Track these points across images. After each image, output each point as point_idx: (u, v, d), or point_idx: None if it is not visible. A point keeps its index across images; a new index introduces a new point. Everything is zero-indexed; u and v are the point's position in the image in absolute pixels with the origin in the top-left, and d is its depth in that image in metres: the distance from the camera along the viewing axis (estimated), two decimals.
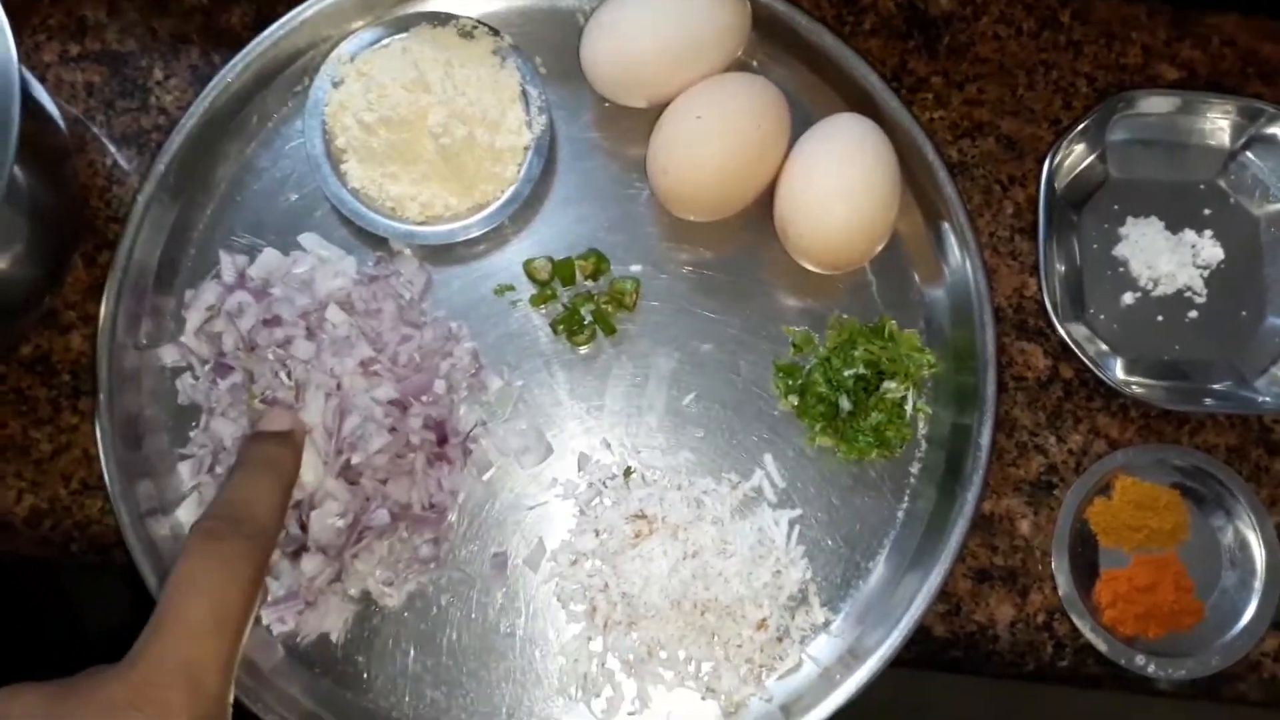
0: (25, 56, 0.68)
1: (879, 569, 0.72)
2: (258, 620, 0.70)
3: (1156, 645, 0.71)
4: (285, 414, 0.62)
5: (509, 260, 0.76)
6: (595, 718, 0.69)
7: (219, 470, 0.70)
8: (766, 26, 0.77)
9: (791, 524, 0.72)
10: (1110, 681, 0.73)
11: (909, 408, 0.73)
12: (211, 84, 0.75)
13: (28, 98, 0.66)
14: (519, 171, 0.75)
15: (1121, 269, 0.77)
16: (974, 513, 0.70)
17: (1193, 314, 0.77)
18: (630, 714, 0.69)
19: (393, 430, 0.69)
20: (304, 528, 0.68)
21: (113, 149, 0.79)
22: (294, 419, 0.61)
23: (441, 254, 0.76)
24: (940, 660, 0.73)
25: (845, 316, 0.75)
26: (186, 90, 0.79)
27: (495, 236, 0.76)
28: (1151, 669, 0.70)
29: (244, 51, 0.76)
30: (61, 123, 0.76)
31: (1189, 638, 0.72)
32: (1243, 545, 0.73)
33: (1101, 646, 0.71)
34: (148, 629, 0.48)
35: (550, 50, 0.78)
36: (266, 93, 0.78)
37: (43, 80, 0.79)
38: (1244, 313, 0.77)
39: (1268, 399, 0.73)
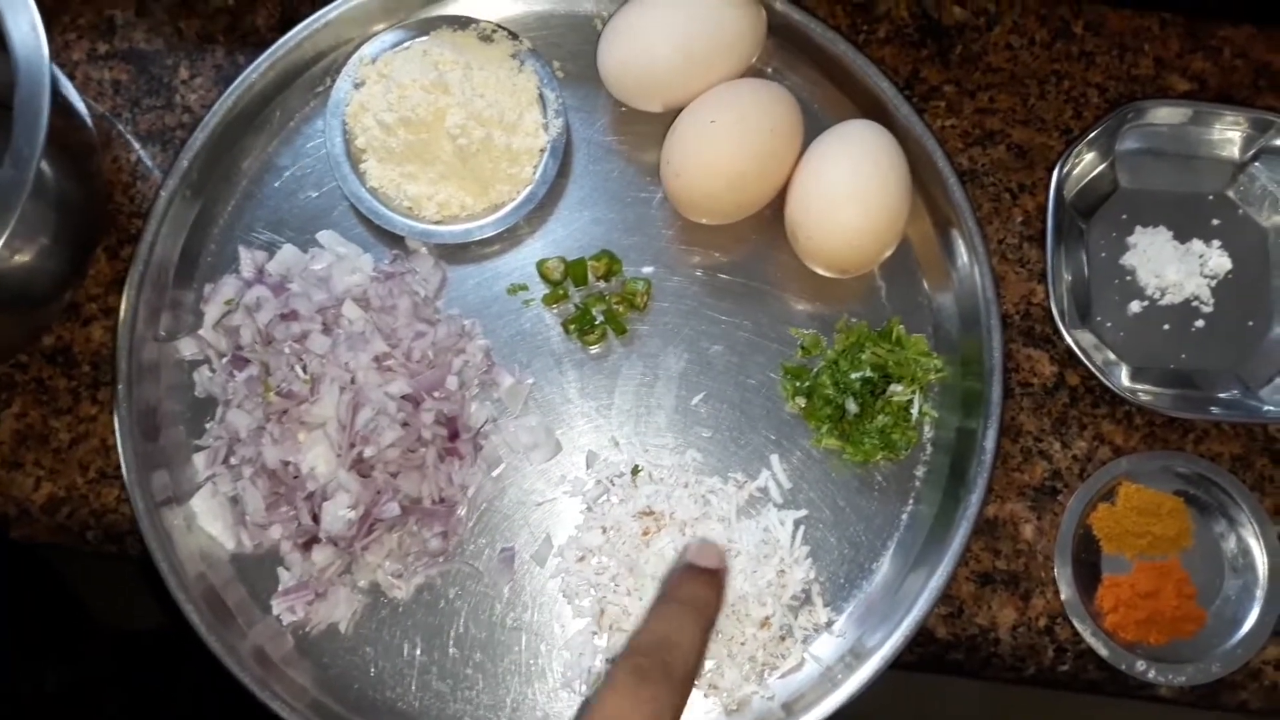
0: (55, 54, 0.70)
1: (882, 570, 0.73)
2: (267, 609, 0.71)
3: (1158, 651, 0.72)
4: (714, 550, 0.58)
5: (523, 260, 0.77)
6: None
7: (233, 461, 0.71)
8: (781, 34, 0.78)
9: (796, 524, 0.73)
10: (1111, 687, 0.73)
11: (915, 411, 0.73)
12: (235, 83, 0.77)
13: (57, 94, 0.68)
14: (535, 173, 0.76)
15: (1129, 278, 0.78)
16: (977, 516, 0.71)
17: (1199, 323, 0.77)
18: None
19: (405, 425, 0.70)
20: (315, 519, 0.69)
21: (137, 146, 0.80)
22: (722, 556, 0.58)
23: (457, 253, 0.77)
24: (941, 662, 0.74)
25: (854, 320, 0.76)
26: (210, 89, 0.81)
27: (510, 237, 0.77)
28: (1152, 675, 0.71)
29: (268, 52, 0.77)
30: (89, 119, 0.77)
31: (1190, 644, 0.72)
32: (1245, 553, 0.73)
33: (1103, 652, 0.71)
34: None
35: (568, 55, 0.80)
36: (289, 93, 0.79)
37: (71, 78, 0.81)
38: (1251, 323, 0.77)
39: (1273, 408, 0.73)
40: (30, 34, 0.68)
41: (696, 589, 0.56)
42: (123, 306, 0.73)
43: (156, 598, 0.71)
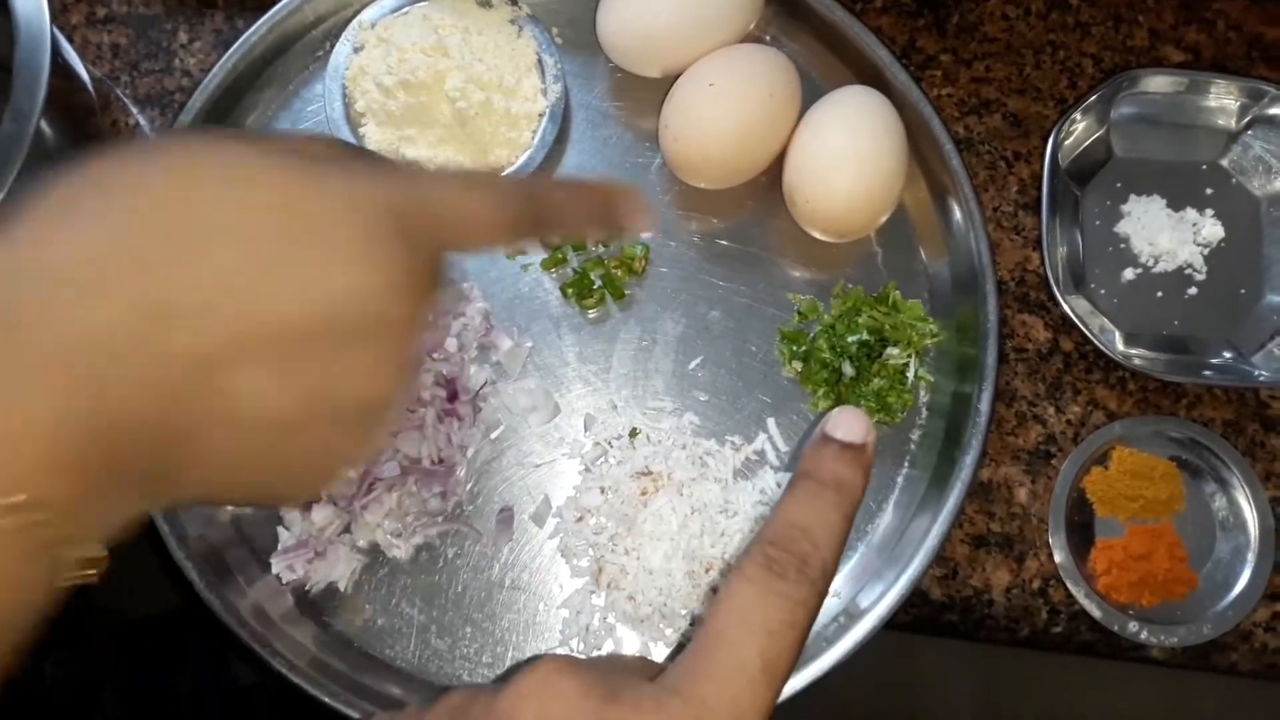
0: (54, 17, 0.70)
1: (877, 532, 0.73)
2: (267, 568, 0.72)
3: (1150, 613, 0.72)
4: (860, 421, 0.47)
5: None
6: None
7: None
8: (780, 1, 0.79)
9: None
10: (1103, 648, 0.74)
11: (911, 375, 0.74)
12: (234, 47, 0.77)
13: (57, 55, 0.68)
14: (533, 138, 0.76)
15: (1123, 245, 0.78)
16: (972, 479, 0.71)
17: (1192, 291, 0.78)
18: None
19: None
20: None
21: (136, 110, 0.80)
22: (868, 428, 0.47)
23: None
24: (935, 624, 0.74)
25: (850, 285, 0.76)
26: (210, 53, 0.81)
27: None
28: (1144, 636, 0.71)
29: (267, 16, 0.77)
30: (88, 82, 0.77)
31: (1182, 606, 0.73)
32: (1236, 516, 0.74)
33: (1095, 613, 0.72)
34: (694, 655, 0.41)
35: (566, 20, 0.80)
36: (288, 56, 0.80)
37: (70, 41, 0.81)
38: (1243, 290, 0.78)
39: (1264, 374, 0.74)
40: None
41: (839, 468, 0.46)
42: None
43: (157, 561, 0.71)
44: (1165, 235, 0.78)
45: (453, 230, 0.42)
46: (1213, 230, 0.78)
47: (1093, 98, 0.78)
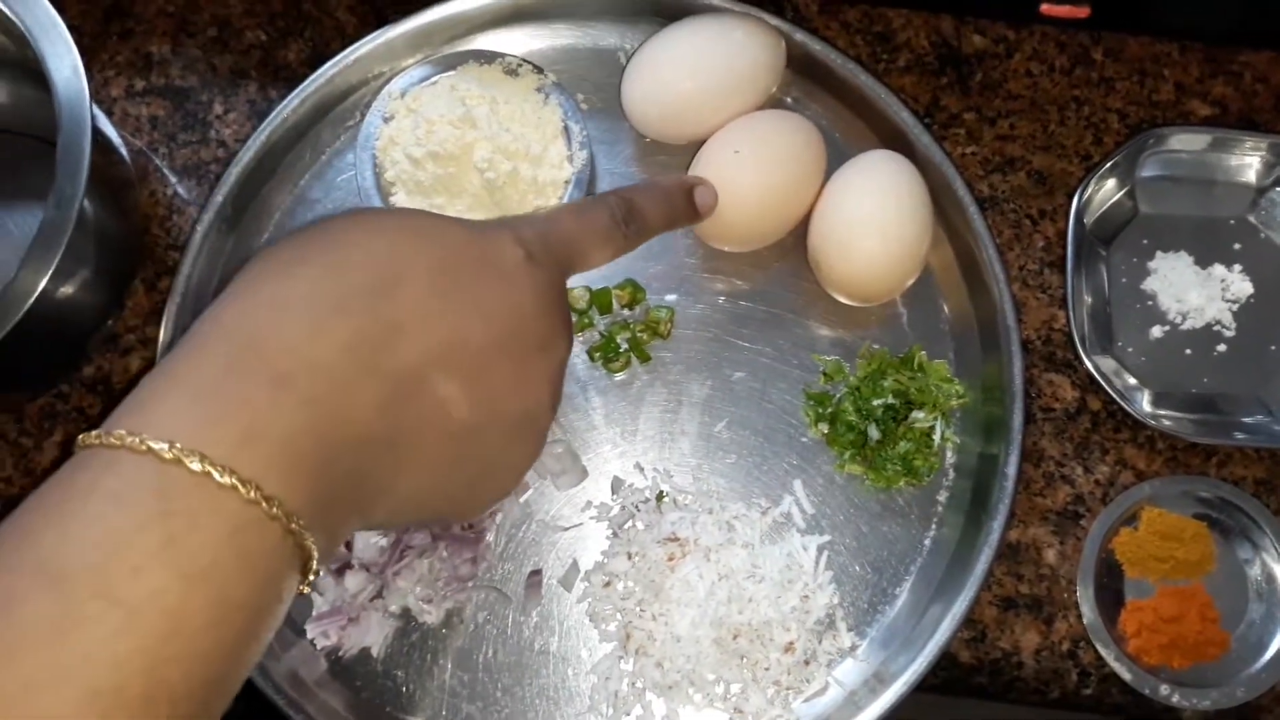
0: (94, 91, 0.72)
1: (905, 595, 0.74)
2: (301, 634, 0.73)
3: (1182, 675, 0.72)
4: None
5: None
6: None
7: None
8: (801, 65, 0.80)
9: (820, 550, 0.73)
10: (1135, 710, 0.73)
11: (937, 437, 0.74)
12: (268, 118, 0.79)
13: (96, 131, 0.70)
14: (560, 205, 0.78)
15: (1150, 303, 0.78)
16: (1000, 541, 0.71)
17: (1221, 348, 0.77)
18: None
19: None
20: (348, 546, 0.71)
21: (174, 180, 0.82)
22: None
23: None
24: (965, 686, 0.74)
25: (876, 347, 0.77)
26: (244, 124, 0.83)
27: None
28: (1176, 699, 0.71)
29: (300, 87, 0.79)
30: (126, 154, 0.79)
31: (1215, 668, 0.72)
32: (1270, 578, 0.73)
33: (1126, 676, 0.71)
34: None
35: (592, 88, 0.81)
36: (320, 127, 0.81)
37: (109, 114, 0.83)
38: (1273, 347, 0.77)
39: None
40: (72, 78, 0.70)
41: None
42: (160, 337, 0.75)
43: None
44: (1193, 292, 0.77)
45: (568, 249, 0.52)
46: (1241, 286, 0.78)
47: (1117, 157, 0.78)
